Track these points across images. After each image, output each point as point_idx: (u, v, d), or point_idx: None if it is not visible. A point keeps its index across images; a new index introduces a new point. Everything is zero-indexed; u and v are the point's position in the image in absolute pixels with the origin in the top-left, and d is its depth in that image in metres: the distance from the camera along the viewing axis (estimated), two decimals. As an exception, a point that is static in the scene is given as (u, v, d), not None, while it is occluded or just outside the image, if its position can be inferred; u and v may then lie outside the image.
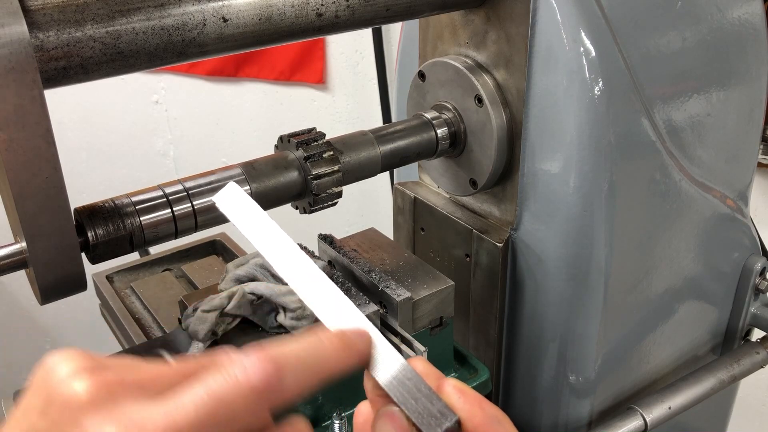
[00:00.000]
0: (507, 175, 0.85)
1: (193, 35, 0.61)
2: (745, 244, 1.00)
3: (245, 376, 0.36)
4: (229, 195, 0.52)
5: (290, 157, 0.72)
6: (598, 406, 0.91)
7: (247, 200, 0.52)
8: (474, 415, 0.43)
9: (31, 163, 0.53)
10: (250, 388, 0.36)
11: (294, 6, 0.66)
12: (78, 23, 0.55)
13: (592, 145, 0.76)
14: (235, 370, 0.36)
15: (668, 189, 0.85)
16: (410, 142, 0.82)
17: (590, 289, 0.82)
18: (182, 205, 0.65)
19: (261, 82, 2.62)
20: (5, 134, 0.51)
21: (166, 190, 0.65)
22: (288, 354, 0.38)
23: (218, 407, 0.35)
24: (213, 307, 0.75)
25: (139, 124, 2.85)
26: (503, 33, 0.79)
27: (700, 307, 1.00)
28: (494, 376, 0.94)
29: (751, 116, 0.93)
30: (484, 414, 0.44)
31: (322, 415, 0.75)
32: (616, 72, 0.75)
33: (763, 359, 0.99)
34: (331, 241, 0.84)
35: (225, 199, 0.52)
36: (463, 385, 0.45)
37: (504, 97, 0.81)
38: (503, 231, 0.87)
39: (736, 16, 0.87)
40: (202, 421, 0.34)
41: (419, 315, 0.77)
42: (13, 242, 0.58)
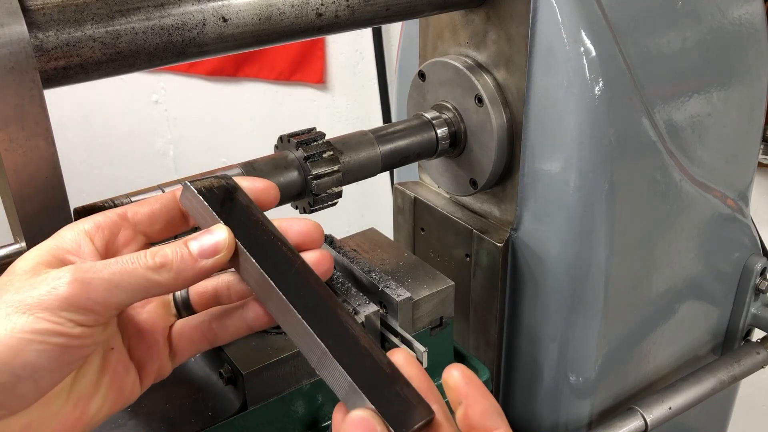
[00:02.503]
0: (507, 175, 0.85)
1: (193, 35, 0.61)
2: (746, 244, 1.00)
3: (49, 289, 0.44)
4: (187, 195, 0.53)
5: (290, 157, 0.72)
6: (598, 406, 0.91)
7: (199, 202, 0.53)
8: (477, 402, 0.45)
9: (31, 163, 0.53)
10: (58, 297, 0.44)
11: (294, 6, 0.66)
12: (78, 23, 0.55)
13: (592, 145, 0.76)
14: (52, 283, 0.44)
15: (668, 189, 0.85)
16: (410, 142, 0.82)
17: (590, 289, 0.82)
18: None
19: (261, 82, 2.62)
20: (5, 134, 0.51)
21: (166, 190, 0.64)
22: (99, 271, 0.45)
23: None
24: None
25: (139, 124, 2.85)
26: (503, 33, 0.79)
27: (701, 307, 1.00)
28: (494, 376, 0.93)
29: (752, 116, 0.93)
30: (488, 403, 0.45)
31: (322, 415, 0.75)
32: (617, 72, 0.75)
33: (763, 359, 0.99)
34: (331, 241, 0.84)
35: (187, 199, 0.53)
36: (469, 372, 0.46)
37: (504, 97, 0.81)
38: (503, 231, 0.87)
39: (737, 16, 0.87)
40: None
41: (419, 315, 0.76)
42: (13, 242, 0.58)
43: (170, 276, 0.47)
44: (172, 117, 2.83)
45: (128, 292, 0.46)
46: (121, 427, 0.68)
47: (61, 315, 0.44)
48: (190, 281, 0.49)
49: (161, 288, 0.48)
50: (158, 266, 0.47)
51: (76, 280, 0.44)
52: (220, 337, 0.55)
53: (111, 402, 0.51)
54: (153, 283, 0.47)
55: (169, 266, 0.47)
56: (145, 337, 0.53)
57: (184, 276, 0.48)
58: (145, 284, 0.47)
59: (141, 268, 0.47)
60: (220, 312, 0.55)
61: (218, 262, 0.49)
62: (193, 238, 0.50)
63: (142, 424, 0.68)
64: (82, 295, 0.44)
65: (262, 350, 0.69)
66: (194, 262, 0.48)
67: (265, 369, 0.68)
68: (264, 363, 0.68)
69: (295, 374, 0.71)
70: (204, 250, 0.49)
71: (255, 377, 0.68)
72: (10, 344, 0.42)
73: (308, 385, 0.72)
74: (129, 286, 0.46)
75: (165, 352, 0.54)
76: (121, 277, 0.46)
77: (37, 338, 0.43)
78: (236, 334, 0.55)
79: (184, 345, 0.55)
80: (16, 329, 0.43)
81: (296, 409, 0.73)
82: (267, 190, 0.55)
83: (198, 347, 0.55)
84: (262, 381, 0.69)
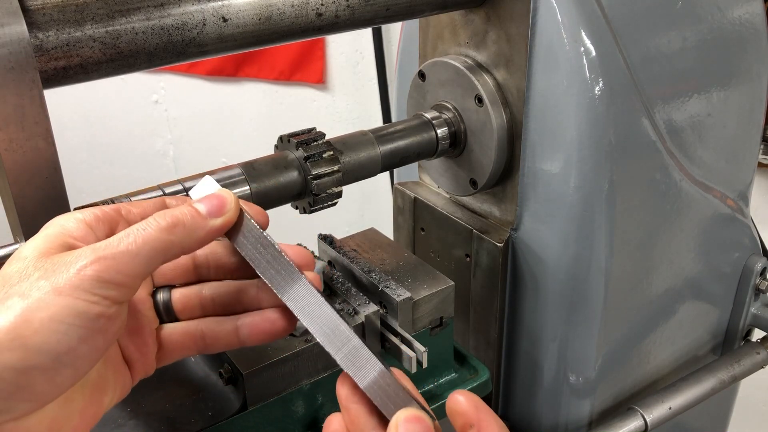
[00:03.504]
0: (507, 175, 0.85)
1: (193, 35, 0.61)
2: (746, 244, 1.00)
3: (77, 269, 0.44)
4: (205, 189, 0.55)
5: (290, 157, 0.72)
6: (598, 406, 0.91)
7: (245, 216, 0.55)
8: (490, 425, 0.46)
9: (31, 163, 0.53)
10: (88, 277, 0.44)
11: (294, 6, 0.66)
12: (78, 23, 0.55)
13: (592, 145, 0.76)
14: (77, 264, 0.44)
15: (668, 189, 0.85)
16: (410, 142, 0.82)
17: (590, 289, 0.82)
18: (182, 205, 0.65)
19: (261, 82, 2.62)
20: (5, 134, 0.51)
21: (166, 190, 0.64)
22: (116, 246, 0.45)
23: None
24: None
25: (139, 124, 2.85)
26: (503, 33, 0.79)
27: (701, 307, 1.00)
28: (494, 376, 0.93)
29: (752, 116, 0.93)
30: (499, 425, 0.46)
31: (322, 415, 0.75)
32: (616, 72, 0.75)
33: (763, 359, 0.99)
34: (331, 241, 0.84)
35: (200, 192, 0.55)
36: (475, 396, 0.48)
37: (504, 97, 0.81)
38: (503, 231, 0.87)
39: (736, 16, 0.87)
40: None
41: (419, 315, 0.76)
42: (13, 242, 0.58)
43: (184, 234, 0.48)
44: (172, 117, 2.82)
45: (148, 258, 0.47)
46: (121, 427, 0.68)
47: (96, 292, 0.44)
48: (201, 241, 0.50)
49: (176, 249, 0.48)
50: (171, 226, 0.48)
51: (99, 258, 0.44)
52: (211, 347, 0.56)
53: (117, 395, 0.51)
54: (168, 244, 0.47)
55: (181, 225, 0.48)
56: (134, 337, 0.53)
57: (196, 236, 0.49)
58: (162, 247, 0.47)
59: (154, 231, 0.47)
60: (214, 323, 0.56)
61: (226, 221, 0.51)
62: (197, 200, 0.51)
63: (142, 424, 0.68)
64: (109, 268, 0.44)
65: (262, 350, 0.69)
66: (204, 221, 0.50)
67: (265, 369, 0.68)
68: (264, 363, 0.68)
69: (295, 374, 0.71)
70: (212, 209, 0.50)
71: (255, 377, 0.68)
72: (52, 328, 0.42)
73: (308, 385, 0.72)
74: (148, 252, 0.46)
75: (153, 352, 0.54)
76: (138, 246, 0.46)
77: (78, 322, 0.43)
78: (228, 346, 0.56)
79: (173, 348, 0.56)
80: (57, 314, 0.42)
81: (296, 409, 0.73)
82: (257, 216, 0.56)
83: (186, 352, 0.56)
84: (262, 381, 0.69)
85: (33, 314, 0.42)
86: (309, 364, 0.71)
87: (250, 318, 0.55)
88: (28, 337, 0.41)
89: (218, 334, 0.55)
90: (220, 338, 0.55)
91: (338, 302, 0.75)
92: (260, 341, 0.55)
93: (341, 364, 0.50)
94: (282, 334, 0.55)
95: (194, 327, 0.56)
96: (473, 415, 0.46)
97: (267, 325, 0.55)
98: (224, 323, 0.56)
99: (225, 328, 0.55)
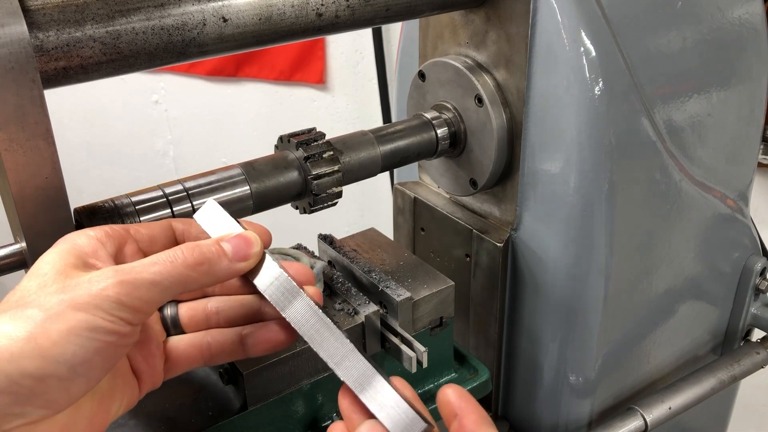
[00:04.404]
0: (507, 175, 0.85)
1: (193, 35, 0.61)
2: (746, 244, 1.00)
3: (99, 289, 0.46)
4: (208, 212, 0.58)
5: (290, 157, 0.72)
6: (598, 406, 0.91)
7: (224, 215, 0.56)
8: (470, 413, 0.49)
9: (31, 163, 0.53)
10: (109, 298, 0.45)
11: (294, 6, 0.66)
12: (78, 23, 0.55)
13: (592, 145, 0.76)
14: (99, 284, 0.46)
15: (668, 189, 0.85)
16: (410, 142, 0.82)
17: (590, 289, 0.82)
18: (182, 205, 0.65)
19: (261, 82, 2.62)
20: (5, 134, 0.51)
21: (166, 190, 0.65)
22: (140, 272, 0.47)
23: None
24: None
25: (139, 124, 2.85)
26: (503, 33, 0.79)
27: (701, 307, 1.00)
28: (494, 376, 0.93)
29: (751, 116, 0.93)
30: (480, 414, 0.49)
31: (322, 415, 0.75)
32: (616, 72, 0.75)
33: (763, 359, 0.99)
34: (331, 241, 0.84)
35: (205, 216, 0.58)
36: (462, 389, 0.50)
37: (504, 97, 0.81)
38: (503, 231, 0.87)
39: (736, 16, 0.87)
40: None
41: (419, 315, 0.76)
42: (13, 242, 0.58)
43: (207, 272, 0.50)
44: (172, 117, 2.82)
45: (168, 289, 0.48)
46: (121, 427, 0.68)
47: (114, 314, 0.45)
48: (220, 280, 0.51)
49: (196, 284, 0.49)
50: (197, 263, 0.49)
51: (122, 282, 0.46)
52: (217, 358, 0.57)
53: (125, 404, 0.53)
54: (190, 279, 0.49)
55: (207, 263, 0.50)
56: (142, 350, 0.54)
57: (217, 275, 0.50)
58: (183, 280, 0.48)
59: (180, 265, 0.48)
60: (220, 335, 0.57)
61: (250, 265, 0.52)
62: (224, 239, 0.52)
63: (142, 424, 0.68)
64: (130, 294, 0.46)
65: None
66: (229, 263, 0.51)
67: (265, 369, 0.68)
68: (264, 363, 0.68)
69: (295, 374, 0.71)
70: (238, 252, 0.52)
71: (255, 377, 0.68)
72: (69, 341, 0.44)
73: (308, 385, 0.72)
74: (169, 283, 0.48)
75: (160, 364, 0.56)
76: (162, 277, 0.48)
77: (94, 336, 0.44)
78: (233, 357, 0.57)
79: (179, 360, 0.57)
80: (75, 327, 0.44)
81: (296, 409, 0.73)
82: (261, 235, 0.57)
83: (193, 364, 0.58)
84: (262, 381, 0.69)
85: (52, 326, 0.44)
86: (309, 364, 0.71)
87: (255, 329, 0.57)
88: (46, 348, 0.43)
89: (223, 345, 0.57)
90: (225, 349, 0.57)
91: (338, 302, 0.75)
92: (265, 352, 0.57)
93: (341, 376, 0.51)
94: (285, 345, 0.57)
95: (200, 339, 0.57)
96: (456, 405, 0.49)
97: (271, 335, 0.56)
98: (229, 335, 0.57)
99: (230, 339, 0.57)
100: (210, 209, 0.58)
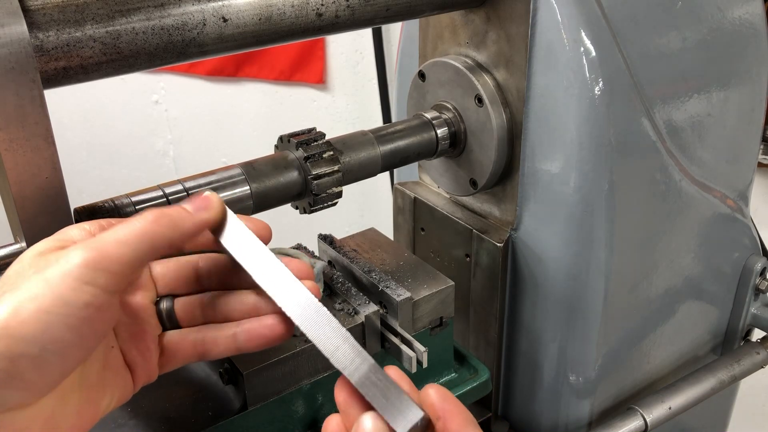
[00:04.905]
0: (507, 175, 0.85)
1: (193, 35, 0.61)
2: (746, 244, 1.00)
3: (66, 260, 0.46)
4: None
5: (290, 157, 0.72)
6: (598, 406, 0.91)
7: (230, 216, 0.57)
8: (454, 416, 0.49)
9: (31, 163, 0.53)
10: (76, 265, 0.46)
11: (294, 6, 0.66)
12: (78, 23, 0.55)
13: (592, 145, 0.76)
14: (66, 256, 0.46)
15: (668, 189, 0.85)
16: (410, 142, 0.82)
17: (590, 289, 0.82)
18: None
19: (261, 82, 2.62)
20: (5, 134, 0.51)
21: (166, 190, 0.65)
22: (105, 237, 0.48)
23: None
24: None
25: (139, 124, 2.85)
26: (503, 33, 0.79)
27: (701, 308, 1.00)
28: (494, 376, 0.94)
29: (751, 116, 0.93)
30: (464, 416, 0.49)
31: (321, 415, 0.75)
32: (616, 72, 0.75)
33: (763, 359, 0.99)
34: (331, 241, 0.84)
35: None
36: (444, 390, 0.50)
37: (504, 97, 0.81)
38: (503, 231, 0.87)
39: (736, 16, 0.87)
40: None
41: (419, 315, 0.77)
42: (13, 242, 0.58)
43: (170, 225, 0.50)
44: (172, 117, 2.82)
45: (135, 246, 0.48)
46: (122, 427, 0.68)
47: (84, 281, 0.45)
48: (187, 233, 0.52)
49: (163, 239, 0.50)
50: (158, 218, 0.50)
51: (90, 247, 0.46)
52: (211, 353, 0.57)
53: (117, 398, 0.53)
54: (155, 234, 0.49)
55: (168, 217, 0.50)
56: (137, 342, 0.55)
57: (183, 227, 0.51)
58: (148, 237, 0.49)
59: (141, 221, 0.49)
60: (214, 330, 0.57)
61: (211, 216, 0.53)
62: (184, 202, 0.54)
63: (142, 424, 0.68)
64: (98, 255, 0.46)
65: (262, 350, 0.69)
66: (190, 216, 0.52)
67: (265, 369, 0.68)
68: (264, 363, 0.68)
69: (295, 374, 0.71)
70: (198, 206, 0.53)
71: (255, 377, 0.68)
72: (38, 318, 0.44)
73: (308, 385, 0.72)
74: (134, 239, 0.48)
75: (155, 358, 0.56)
76: (126, 234, 0.48)
77: (64, 311, 0.44)
78: (226, 352, 0.57)
79: (174, 355, 0.57)
80: (44, 305, 0.44)
81: (296, 409, 0.73)
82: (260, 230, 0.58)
83: (188, 359, 0.58)
84: (262, 381, 0.69)
85: (22, 305, 0.44)
86: (309, 364, 0.71)
87: (249, 324, 0.57)
88: (13, 327, 0.43)
89: (217, 340, 0.57)
90: (219, 344, 0.57)
91: (338, 302, 0.75)
92: (258, 347, 0.56)
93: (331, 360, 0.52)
94: (279, 340, 0.56)
95: (195, 334, 0.57)
96: (439, 407, 0.49)
97: (265, 330, 0.56)
98: (224, 329, 0.57)
99: (224, 334, 0.57)
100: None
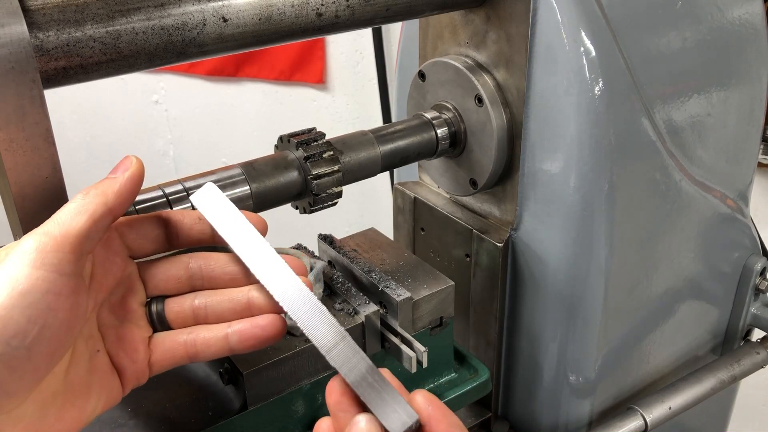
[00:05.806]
0: (507, 175, 0.85)
1: (193, 35, 0.61)
2: (746, 244, 1.00)
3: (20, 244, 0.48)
4: (206, 195, 0.58)
5: (290, 157, 0.72)
6: (598, 406, 0.91)
7: (223, 199, 0.57)
8: (440, 421, 0.49)
9: (31, 163, 0.53)
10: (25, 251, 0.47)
11: (294, 6, 0.66)
12: (78, 23, 0.55)
13: (592, 145, 0.76)
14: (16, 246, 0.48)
15: (668, 189, 0.85)
16: (410, 142, 0.82)
17: (590, 289, 0.82)
18: (182, 205, 0.65)
19: (261, 82, 2.62)
20: (5, 134, 0.51)
21: (166, 190, 0.65)
22: (47, 221, 0.49)
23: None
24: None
25: (139, 124, 2.85)
26: (503, 33, 0.79)
27: (701, 307, 1.00)
28: (494, 376, 0.94)
29: (751, 116, 0.93)
30: (450, 421, 0.50)
31: (322, 415, 0.75)
32: (616, 72, 0.75)
33: (763, 359, 0.99)
34: (331, 241, 0.84)
35: (202, 199, 0.58)
36: (431, 395, 0.51)
37: (504, 97, 0.81)
38: (503, 231, 0.87)
39: (736, 16, 0.87)
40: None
41: (419, 315, 0.77)
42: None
43: (100, 194, 0.52)
44: (172, 117, 2.82)
45: (76, 222, 0.49)
46: (122, 427, 0.68)
47: (36, 266, 0.46)
48: (121, 194, 0.53)
49: (100, 208, 0.51)
50: (87, 190, 0.52)
51: (36, 233, 0.48)
52: (203, 354, 0.57)
53: (103, 402, 0.53)
54: (90, 205, 0.50)
55: (94, 188, 0.52)
56: (124, 345, 0.55)
57: (111, 190, 0.52)
58: (85, 209, 0.50)
59: (73, 200, 0.51)
60: (206, 331, 0.57)
61: (132, 173, 0.54)
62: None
63: (142, 424, 0.68)
64: (45, 239, 0.47)
65: (262, 350, 0.69)
66: (115, 179, 0.53)
67: (265, 369, 0.68)
68: (264, 363, 0.68)
69: (295, 374, 0.71)
70: (120, 169, 0.54)
71: (255, 377, 0.68)
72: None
73: (308, 385, 0.72)
74: (72, 216, 0.49)
75: (145, 361, 0.56)
76: (65, 215, 0.49)
77: (22, 302, 0.45)
78: (219, 353, 0.57)
79: (165, 357, 0.57)
80: (2, 300, 0.44)
81: (296, 409, 0.73)
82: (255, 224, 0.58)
83: (179, 360, 0.57)
84: (262, 381, 0.69)
85: None
86: (309, 364, 0.71)
87: (241, 325, 0.56)
88: None
89: (209, 341, 0.56)
90: (210, 345, 0.56)
91: (338, 302, 0.75)
92: (251, 348, 0.56)
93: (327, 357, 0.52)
94: (271, 341, 0.56)
95: (186, 335, 0.57)
96: (425, 412, 0.49)
97: (257, 331, 0.56)
98: (215, 330, 0.57)
99: (216, 335, 0.56)
100: (208, 192, 0.58)
